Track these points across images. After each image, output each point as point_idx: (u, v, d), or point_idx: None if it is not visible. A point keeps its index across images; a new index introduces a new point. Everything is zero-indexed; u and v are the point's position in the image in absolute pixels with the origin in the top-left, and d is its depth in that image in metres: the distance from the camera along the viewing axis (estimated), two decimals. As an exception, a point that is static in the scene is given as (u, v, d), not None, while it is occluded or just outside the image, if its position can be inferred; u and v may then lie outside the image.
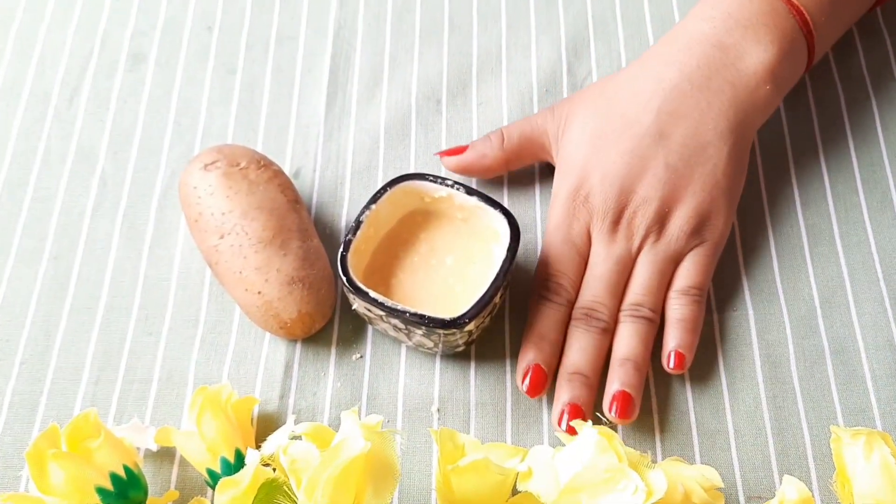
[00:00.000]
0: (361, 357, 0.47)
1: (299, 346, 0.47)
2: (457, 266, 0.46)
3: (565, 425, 0.43)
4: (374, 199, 0.45)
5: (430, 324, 0.42)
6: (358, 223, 0.45)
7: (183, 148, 0.54)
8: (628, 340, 0.45)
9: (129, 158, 0.54)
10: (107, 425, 0.42)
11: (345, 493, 0.33)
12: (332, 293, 0.47)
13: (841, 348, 0.47)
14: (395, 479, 0.34)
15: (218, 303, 0.49)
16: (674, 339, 0.45)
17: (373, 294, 0.43)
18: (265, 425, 0.45)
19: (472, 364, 0.47)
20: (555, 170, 0.50)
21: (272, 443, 0.36)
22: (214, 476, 0.41)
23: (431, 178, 0.46)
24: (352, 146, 0.54)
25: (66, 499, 0.37)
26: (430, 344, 0.45)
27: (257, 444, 0.43)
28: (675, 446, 0.45)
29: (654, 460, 0.44)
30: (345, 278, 0.43)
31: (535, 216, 0.51)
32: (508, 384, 0.46)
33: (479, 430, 0.45)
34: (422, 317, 0.42)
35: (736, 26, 0.48)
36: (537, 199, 0.52)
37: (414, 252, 0.47)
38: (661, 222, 0.46)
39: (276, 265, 0.45)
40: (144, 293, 0.49)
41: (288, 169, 0.53)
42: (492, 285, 0.43)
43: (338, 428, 0.36)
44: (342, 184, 0.52)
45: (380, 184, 0.52)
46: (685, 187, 0.46)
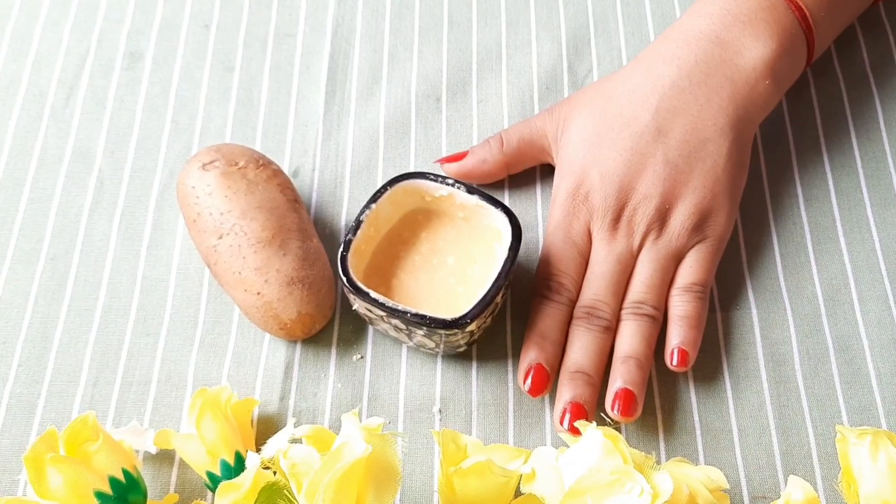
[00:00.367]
0: (362, 358, 0.47)
1: (299, 346, 0.47)
2: (458, 266, 0.46)
3: (567, 424, 0.42)
4: (375, 198, 0.45)
5: (432, 324, 0.42)
6: (358, 223, 0.44)
7: (181, 147, 0.53)
8: (630, 338, 0.45)
9: (127, 158, 0.53)
10: (105, 428, 0.41)
11: (346, 497, 0.33)
12: (332, 293, 0.47)
13: (845, 346, 0.47)
14: (397, 482, 0.34)
15: (217, 303, 0.48)
16: (677, 337, 0.45)
17: (373, 294, 0.42)
18: (265, 427, 0.45)
19: (474, 364, 0.47)
20: (555, 170, 0.49)
21: (272, 446, 0.36)
22: (214, 479, 0.41)
23: (432, 177, 0.46)
24: (351, 145, 0.53)
25: (65, 503, 0.37)
26: (431, 344, 0.44)
27: (258, 447, 0.43)
28: (679, 446, 0.44)
29: (658, 460, 0.43)
30: (345, 279, 0.43)
31: (537, 215, 0.51)
32: (510, 384, 0.46)
33: (481, 430, 0.45)
34: (423, 317, 0.42)
35: (734, 22, 0.48)
36: (538, 197, 0.51)
37: (415, 252, 0.46)
38: (661, 219, 0.46)
39: (275, 265, 0.44)
40: (142, 294, 0.49)
41: (287, 168, 0.52)
42: (493, 285, 0.42)
43: (338, 430, 0.36)
44: (342, 183, 0.52)
45: (380, 183, 0.52)
46: (685, 184, 0.46)
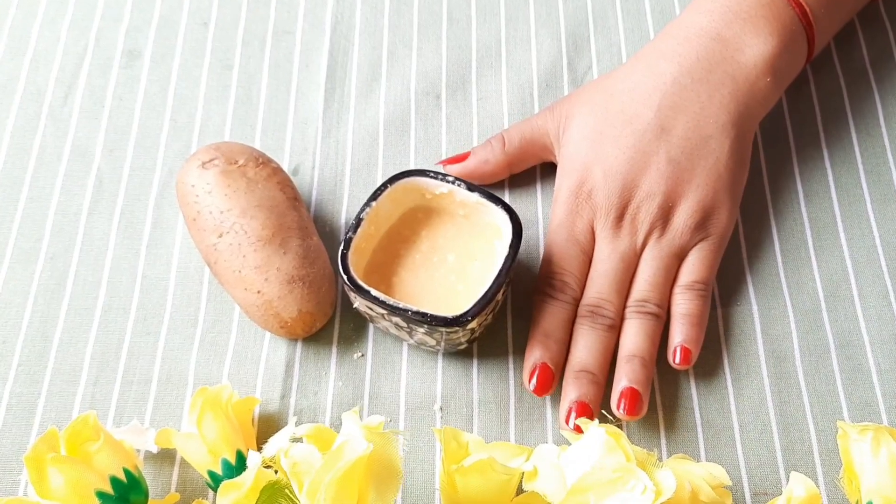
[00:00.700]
0: (363, 356, 0.47)
1: (300, 345, 0.47)
2: (458, 263, 0.46)
3: (573, 423, 0.42)
4: (375, 196, 0.45)
5: (433, 322, 0.42)
6: (358, 221, 0.44)
7: (180, 145, 0.53)
8: (634, 337, 0.45)
9: (126, 156, 0.53)
10: (106, 427, 0.41)
11: (347, 496, 0.33)
12: (332, 292, 0.47)
13: (846, 342, 0.46)
14: (399, 480, 0.34)
15: (217, 302, 0.48)
16: (679, 335, 0.45)
17: (374, 292, 0.42)
18: (266, 425, 0.45)
19: (475, 362, 0.47)
20: (557, 168, 0.49)
21: (273, 445, 0.36)
22: (216, 478, 0.41)
23: (432, 175, 0.46)
24: (351, 142, 0.53)
25: (66, 503, 0.37)
26: (432, 342, 0.44)
27: (259, 445, 0.43)
28: (680, 443, 0.44)
29: (660, 457, 0.43)
30: (346, 277, 0.43)
31: (537, 212, 0.51)
32: (511, 382, 0.46)
33: (482, 428, 0.45)
34: (424, 315, 0.42)
35: (735, 19, 0.48)
36: (539, 194, 0.51)
37: (415, 249, 0.46)
38: (664, 217, 0.46)
39: (275, 264, 0.44)
40: (142, 293, 0.49)
41: (286, 166, 0.52)
42: (494, 282, 0.42)
43: (339, 428, 0.36)
44: (341, 180, 0.52)
45: (379, 180, 0.52)
46: (688, 181, 0.46)
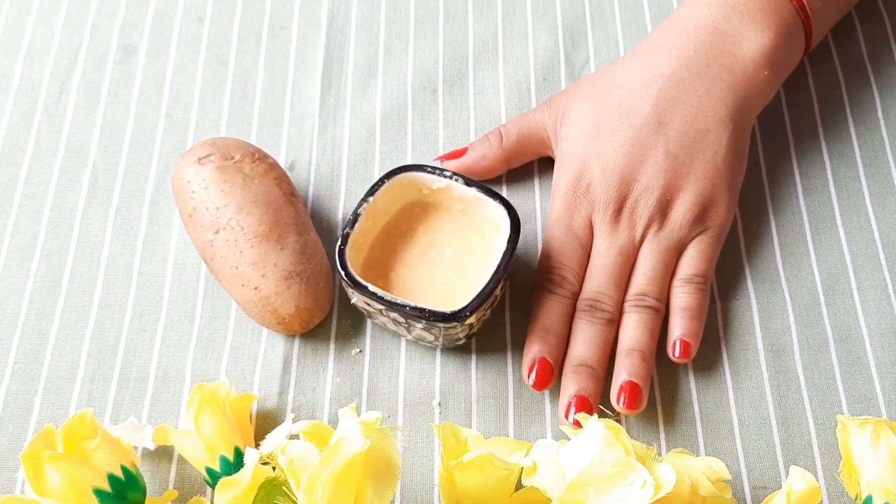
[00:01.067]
0: (361, 352, 0.47)
1: (297, 341, 0.47)
2: (456, 258, 0.45)
3: (572, 418, 0.42)
4: (372, 191, 0.45)
5: (431, 317, 0.41)
6: (355, 216, 0.44)
7: (175, 141, 0.53)
8: (634, 331, 0.44)
9: (121, 152, 0.53)
10: (103, 425, 0.41)
11: (345, 493, 0.33)
12: (330, 287, 0.46)
13: (845, 336, 0.46)
14: (396, 476, 0.34)
15: (214, 298, 0.48)
16: (679, 328, 0.45)
17: (372, 288, 0.42)
18: (264, 422, 0.45)
19: (473, 357, 0.46)
20: (554, 162, 0.49)
21: (271, 442, 0.36)
22: (214, 475, 0.40)
23: (430, 170, 0.45)
24: (347, 138, 0.53)
25: (64, 501, 0.37)
26: (430, 337, 0.44)
27: (257, 442, 0.42)
28: (679, 437, 0.44)
29: (659, 452, 0.43)
30: (343, 272, 0.42)
31: (535, 207, 0.50)
32: (510, 377, 0.46)
33: (480, 423, 0.45)
34: (422, 310, 0.41)
35: (732, 12, 0.48)
36: (536, 189, 0.51)
37: (413, 245, 0.46)
38: (663, 211, 0.46)
39: (272, 260, 0.44)
40: (139, 289, 0.48)
41: (283, 162, 0.52)
42: (493, 277, 0.42)
43: (337, 424, 0.36)
44: (338, 176, 0.52)
45: (376, 175, 0.52)
46: (686, 175, 0.46)
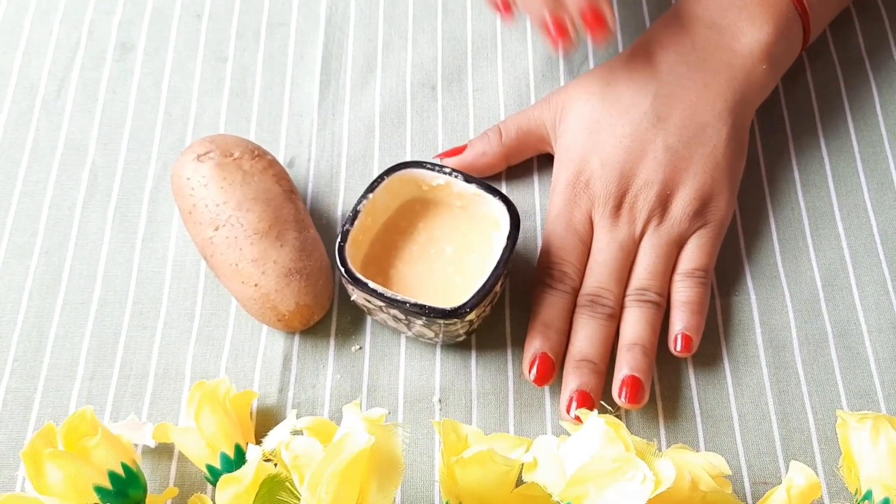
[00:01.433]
0: (361, 348, 0.47)
1: (297, 338, 0.47)
2: (456, 255, 0.45)
3: (574, 413, 0.42)
4: (372, 187, 0.45)
5: (431, 314, 0.41)
6: (355, 213, 0.44)
7: (174, 138, 0.53)
8: (635, 325, 0.45)
9: (120, 150, 0.53)
10: (103, 422, 0.41)
11: (349, 489, 0.33)
12: (329, 284, 0.46)
13: (844, 331, 0.47)
14: (400, 473, 0.34)
15: (213, 295, 0.48)
16: (680, 322, 0.45)
17: (372, 285, 0.42)
18: (264, 419, 0.45)
19: (473, 353, 0.46)
20: (554, 159, 0.49)
21: (273, 438, 0.36)
22: (214, 472, 0.40)
23: (429, 166, 0.45)
24: (346, 134, 0.53)
25: (65, 499, 0.37)
26: (430, 334, 0.44)
27: (257, 439, 0.42)
28: (679, 433, 0.44)
29: (659, 447, 0.43)
30: (343, 269, 0.42)
31: (535, 203, 0.50)
32: (510, 373, 0.46)
33: (481, 419, 0.45)
34: (422, 307, 0.41)
35: (730, 7, 0.48)
36: (536, 185, 0.51)
37: (412, 241, 0.46)
38: (663, 205, 0.46)
39: (272, 257, 0.44)
40: (138, 287, 0.48)
41: (282, 158, 0.52)
42: (493, 274, 0.42)
43: (338, 421, 0.36)
44: (337, 173, 0.52)
45: (376, 172, 0.52)
46: (686, 169, 0.46)
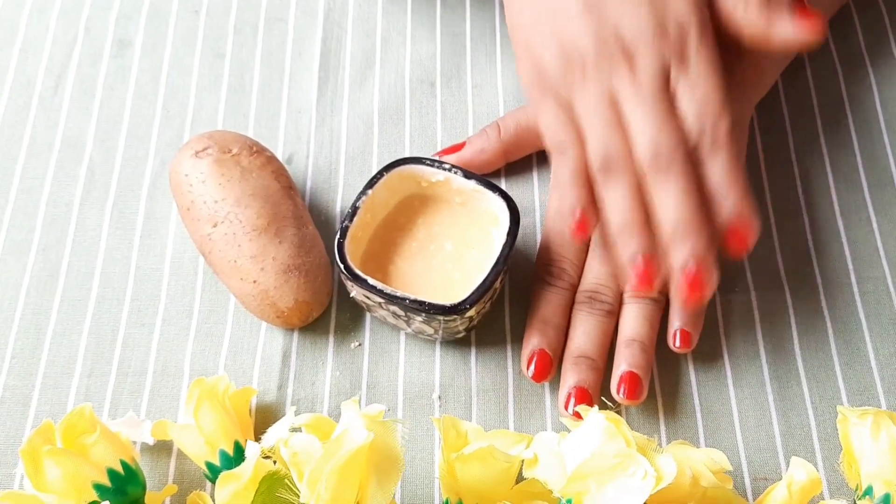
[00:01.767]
0: (360, 345, 0.47)
1: (296, 334, 0.47)
2: (455, 251, 0.45)
3: (572, 409, 0.42)
4: (371, 184, 0.44)
5: (431, 310, 0.41)
6: (354, 209, 0.44)
7: (172, 135, 0.53)
8: (634, 321, 0.44)
9: (117, 146, 0.52)
10: (102, 420, 0.41)
11: (348, 485, 0.33)
12: (328, 281, 0.46)
13: (844, 327, 0.46)
14: (399, 469, 0.34)
15: (212, 292, 0.48)
16: (679, 318, 0.45)
17: (371, 281, 0.42)
18: (264, 416, 0.45)
19: (473, 350, 0.46)
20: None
21: (272, 435, 0.35)
22: (214, 469, 0.40)
23: (428, 162, 0.45)
24: (345, 131, 0.53)
25: (64, 496, 0.36)
26: (430, 330, 0.44)
27: (256, 436, 0.42)
28: (679, 429, 0.44)
29: (659, 444, 0.43)
30: (342, 265, 0.42)
31: (534, 199, 0.50)
32: (510, 370, 0.46)
33: (480, 416, 0.45)
34: (422, 303, 0.41)
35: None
36: (535, 181, 0.51)
37: (412, 238, 0.46)
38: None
39: (271, 253, 0.44)
40: (136, 284, 0.48)
41: (281, 155, 0.52)
42: (492, 270, 0.42)
43: (338, 418, 0.36)
44: (336, 169, 0.52)
45: (374, 169, 0.51)
46: None
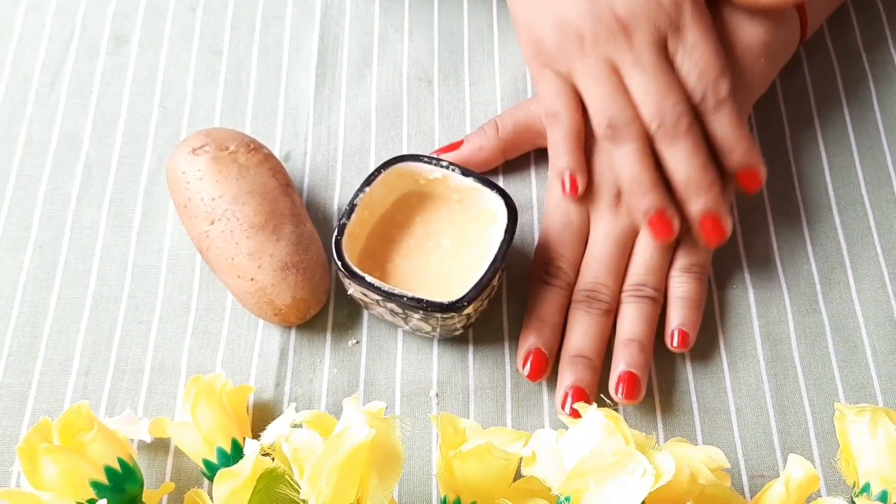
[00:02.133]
0: (357, 342, 0.46)
1: (294, 332, 0.47)
2: (453, 249, 0.45)
3: (569, 408, 0.42)
4: (368, 181, 0.44)
5: (428, 308, 0.41)
6: (352, 206, 0.44)
7: (169, 132, 0.53)
8: (632, 321, 0.44)
9: (114, 144, 0.52)
10: (99, 417, 0.41)
11: (349, 482, 0.33)
12: (326, 278, 0.46)
13: (841, 325, 0.47)
14: (400, 466, 0.34)
15: (209, 290, 0.48)
16: (677, 318, 0.45)
17: (369, 278, 0.42)
18: (261, 414, 0.45)
19: (471, 348, 0.46)
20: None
21: (272, 432, 0.35)
22: (211, 467, 0.40)
23: (426, 160, 0.45)
24: (343, 128, 0.53)
25: (61, 494, 0.36)
26: (427, 328, 0.44)
27: (254, 434, 0.42)
28: (677, 426, 0.44)
29: (657, 441, 0.43)
30: (340, 263, 0.42)
31: (531, 197, 0.50)
32: (507, 367, 0.46)
33: (478, 414, 0.45)
34: (419, 301, 0.41)
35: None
36: (533, 179, 0.51)
37: (409, 235, 0.46)
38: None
39: (268, 251, 0.44)
40: (133, 281, 0.48)
41: (278, 152, 0.52)
42: (490, 268, 0.42)
43: (335, 415, 0.36)
44: (334, 167, 0.51)
45: (372, 166, 0.51)
46: None
